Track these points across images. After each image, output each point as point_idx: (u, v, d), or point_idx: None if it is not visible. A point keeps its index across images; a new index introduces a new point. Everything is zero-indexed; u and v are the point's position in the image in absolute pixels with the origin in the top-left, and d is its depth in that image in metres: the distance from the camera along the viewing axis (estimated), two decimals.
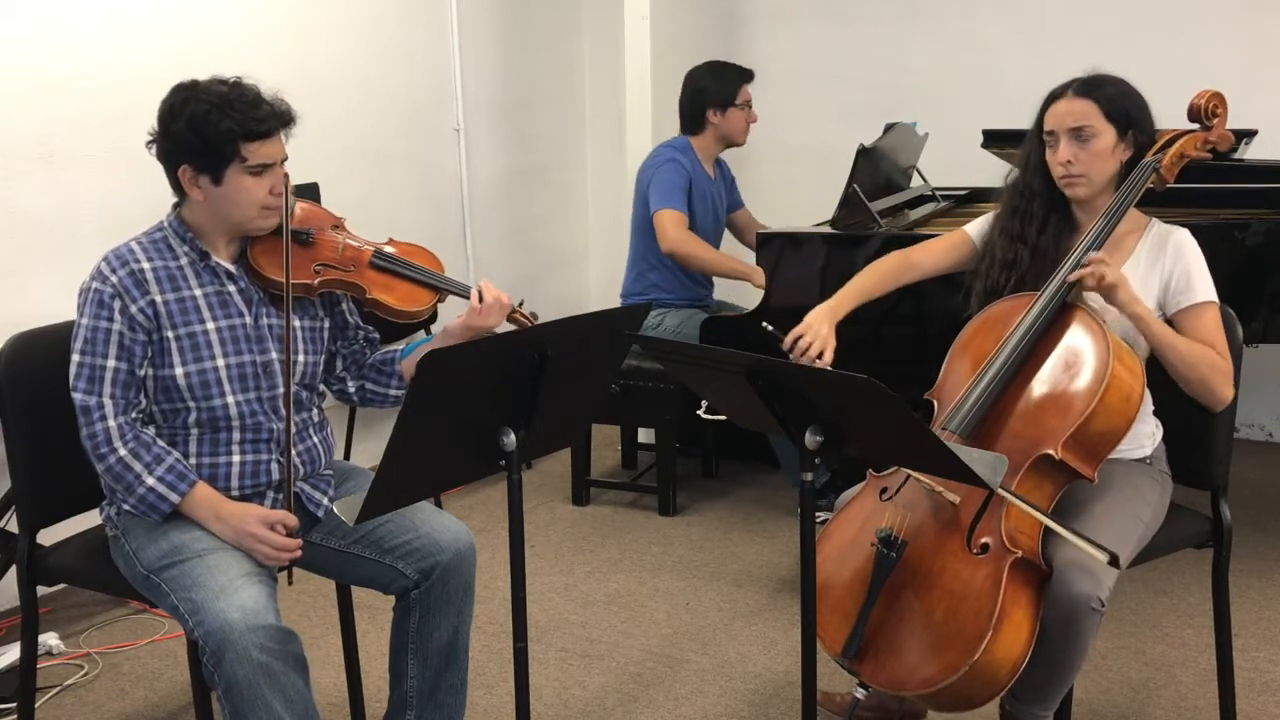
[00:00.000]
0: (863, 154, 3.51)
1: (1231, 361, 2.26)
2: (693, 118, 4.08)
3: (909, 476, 2.24)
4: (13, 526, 2.88)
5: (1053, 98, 2.35)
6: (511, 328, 2.36)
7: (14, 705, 2.48)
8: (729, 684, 2.88)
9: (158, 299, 2.15)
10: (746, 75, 4.10)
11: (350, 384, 2.45)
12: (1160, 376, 2.27)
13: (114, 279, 2.14)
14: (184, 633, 2.15)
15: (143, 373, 2.16)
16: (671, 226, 3.93)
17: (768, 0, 5.21)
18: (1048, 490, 2.14)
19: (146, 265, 2.17)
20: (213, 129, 2.09)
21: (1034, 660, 2.03)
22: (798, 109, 5.10)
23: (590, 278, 5.69)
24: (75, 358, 2.13)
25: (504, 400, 1.80)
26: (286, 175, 2.21)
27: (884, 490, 2.28)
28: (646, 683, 2.90)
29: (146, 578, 2.12)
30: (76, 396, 2.13)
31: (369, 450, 4.24)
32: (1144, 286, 2.28)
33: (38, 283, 3.28)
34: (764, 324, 2.57)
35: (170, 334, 2.15)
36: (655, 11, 4.65)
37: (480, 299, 2.32)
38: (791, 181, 4.98)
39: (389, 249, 2.40)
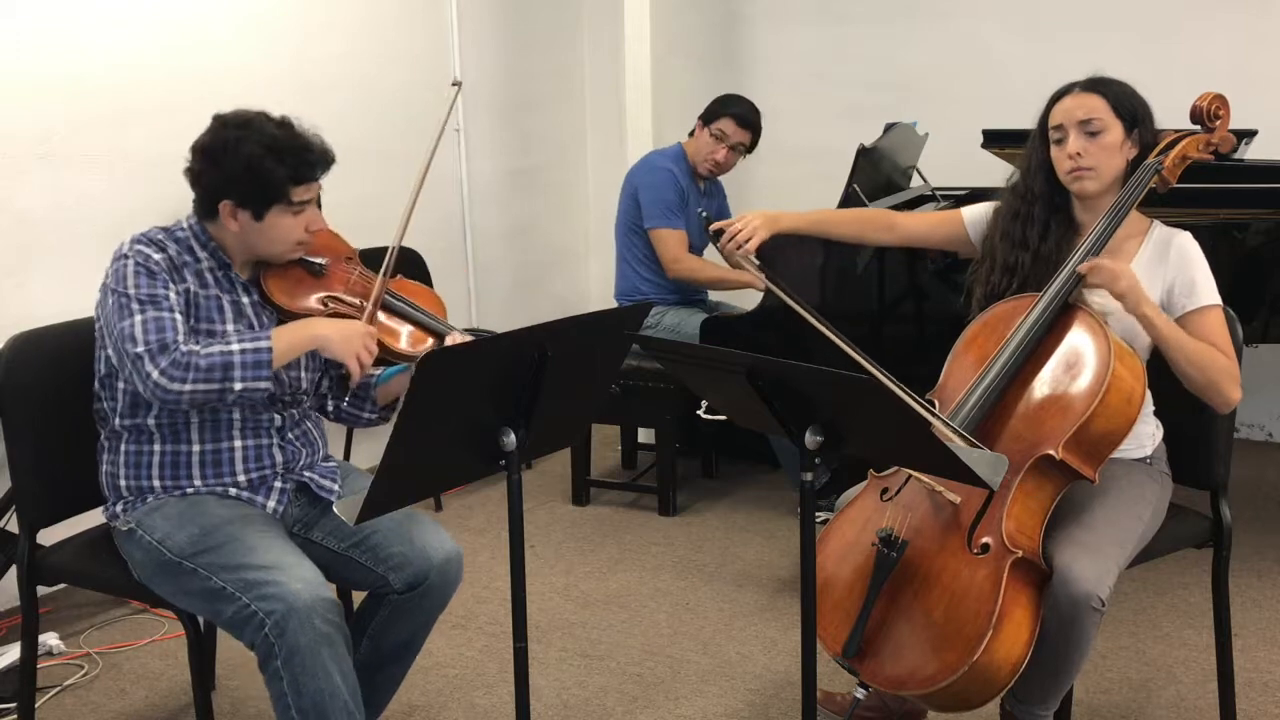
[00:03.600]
0: (863, 154, 3.52)
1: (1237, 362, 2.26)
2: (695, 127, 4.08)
3: (910, 476, 2.24)
4: (13, 526, 2.88)
5: (1058, 96, 2.36)
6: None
7: (14, 705, 2.48)
8: (729, 684, 2.88)
9: (192, 287, 2.19)
10: (742, 119, 3.96)
11: (329, 403, 2.49)
12: (1160, 377, 2.27)
13: (157, 258, 2.15)
14: (205, 620, 2.17)
15: None
16: (672, 248, 3.95)
17: (768, 0, 5.20)
18: (1048, 490, 2.14)
19: (175, 256, 2.20)
20: (267, 173, 2.15)
21: (1034, 660, 2.03)
22: (798, 109, 5.10)
23: (590, 278, 5.69)
24: (134, 319, 2.09)
25: (504, 400, 1.80)
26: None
27: (885, 490, 2.28)
28: (646, 683, 2.90)
29: (178, 564, 2.12)
30: (152, 340, 2.07)
31: (369, 450, 4.24)
32: (1145, 290, 2.27)
33: (38, 283, 3.29)
34: (701, 212, 2.62)
35: (194, 325, 2.18)
36: (655, 11, 4.65)
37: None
38: (791, 181, 4.98)
39: (395, 290, 2.43)
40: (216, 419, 2.22)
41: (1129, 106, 2.30)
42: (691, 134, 4.09)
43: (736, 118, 3.97)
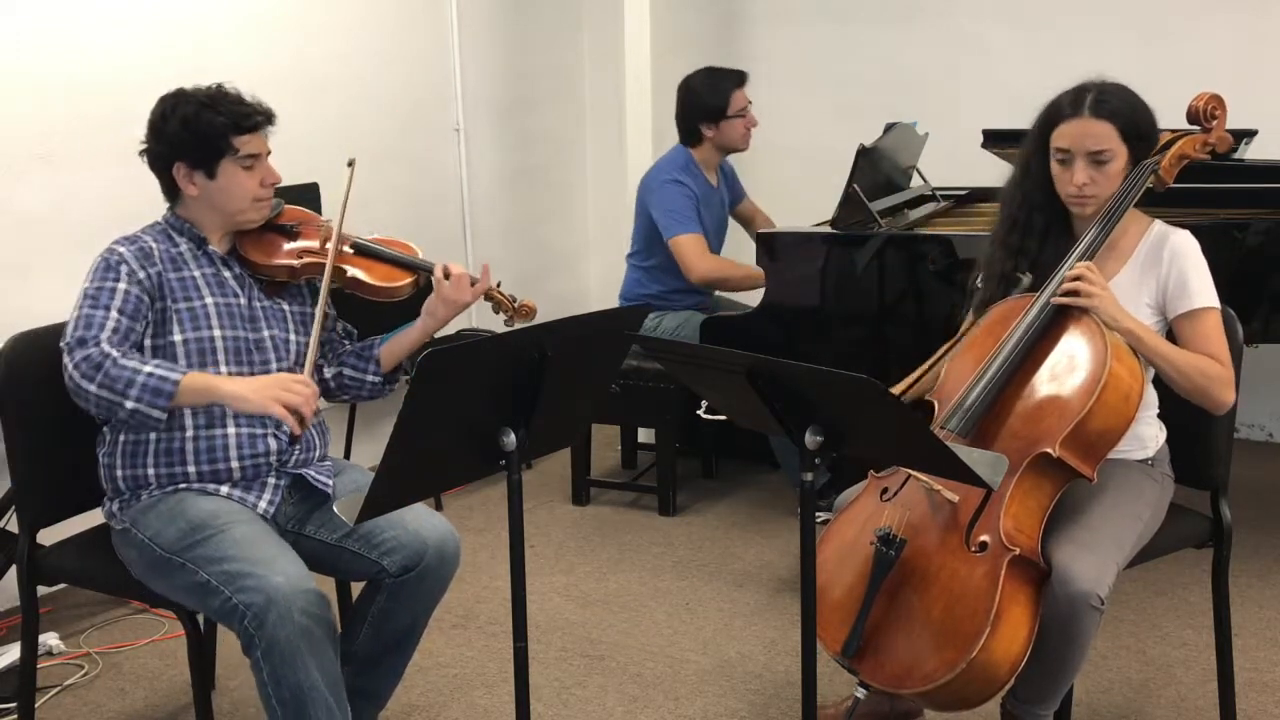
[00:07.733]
0: (863, 154, 3.51)
1: (1232, 365, 2.25)
2: (688, 131, 3.99)
3: (909, 476, 2.24)
4: (13, 526, 2.88)
5: (1063, 114, 2.25)
6: (489, 305, 2.48)
7: (14, 705, 2.48)
8: (729, 684, 2.88)
9: (164, 272, 2.26)
10: (739, 78, 3.93)
11: (327, 370, 2.48)
12: (1161, 379, 2.27)
13: (122, 250, 2.24)
14: (201, 615, 2.18)
15: (145, 340, 2.22)
16: (695, 255, 3.85)
17: (768, 0, 5.20)
18: (1047, 489, 2.14)
19: (153, 245, 2.28)
20: (205, 124, 2.24)
21: (1034, 659, 2.03)
22: (798, 109, 5.10)
23: (590, 277, 5.69)
24: (75, 314, 2.17)
25: (504, 400, 1.81)
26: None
27: (884, 490, 2.28)
28: (646, 683, 2.90)
29: (168, 560, 2.14)
30: (74, 335, 2.13)
31: (369, 450, 4.24)
32: (1138, 291, 2.27)
33: (38, 282, 3.28)
34: None
35: (172, 305, 2.25)
36: (655, 11, 4.65)
37: (446, 275, 2.39)
38: (791, 181, 4.98)
39: (368, 238, 2.51)
40: (210, 406, 2.22)
41: (1137, 127, 2.24)
42: (696, 142, 3.97)
43: (739, 84, 3.93)
